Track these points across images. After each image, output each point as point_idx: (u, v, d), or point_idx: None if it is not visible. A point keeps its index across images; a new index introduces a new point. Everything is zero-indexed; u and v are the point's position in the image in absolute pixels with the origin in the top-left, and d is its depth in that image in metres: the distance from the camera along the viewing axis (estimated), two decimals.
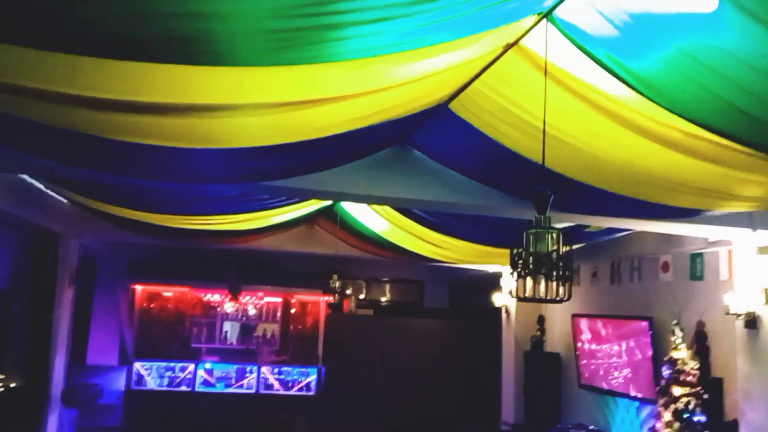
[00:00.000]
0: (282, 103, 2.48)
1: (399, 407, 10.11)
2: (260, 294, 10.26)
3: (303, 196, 4.52)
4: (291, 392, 9.92)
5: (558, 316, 8.13)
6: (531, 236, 2.22)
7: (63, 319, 7.36)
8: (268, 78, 2.21)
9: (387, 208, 5.59)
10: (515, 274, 2.22)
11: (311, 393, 9.96)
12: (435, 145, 3.92)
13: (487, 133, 3.25)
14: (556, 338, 8.15)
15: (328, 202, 6.31)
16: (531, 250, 2.20)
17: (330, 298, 10.21)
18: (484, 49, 2.39)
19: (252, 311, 10.51)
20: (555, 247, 2.19)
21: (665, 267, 6.07)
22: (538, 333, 8.18)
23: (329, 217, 7.26)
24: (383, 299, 12.43)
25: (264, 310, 10.57)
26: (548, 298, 2.15)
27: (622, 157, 3.12)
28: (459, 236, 5.71)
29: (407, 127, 3.50)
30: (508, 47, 2.43)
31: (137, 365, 9.56)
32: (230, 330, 10.39)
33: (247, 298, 10.33)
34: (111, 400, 9.99)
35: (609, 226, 5.24)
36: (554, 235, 2.21)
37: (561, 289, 2.15)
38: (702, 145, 2.70)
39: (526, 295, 2.20)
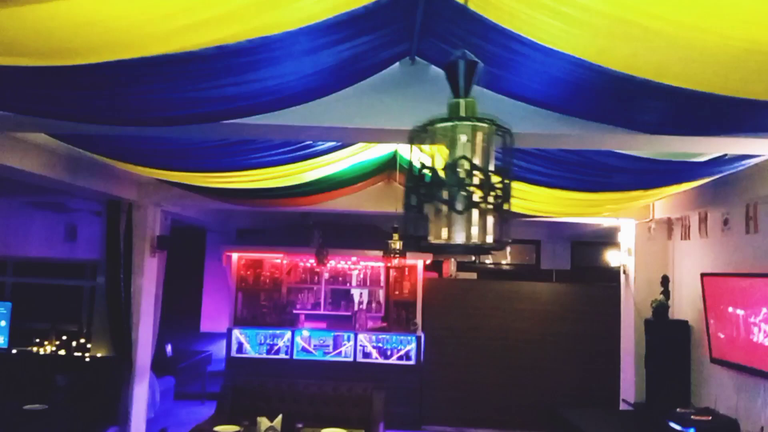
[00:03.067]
0: None
1: (505, 380, 9.21)
2: (354, 258, 9.77)
3: (288, 135, 3.70)
4: (390, 361, 9.39)
5: (686, 276, 6.73)
6: (440, 136, 1.31)
7: (146, 289, 7.34)
8: None
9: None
10: (411, 198, 1.33)
11: (411, 362, 9.35)
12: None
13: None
14: (683, 303, 6.76)
15: (387, 151, 5.53)
16: (448, 162, 1.29)
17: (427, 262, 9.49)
18: None
19: (347, 276, 10.06)
20: (484, 159, 1.27)
21: None
22: (662, 297, 6.83)
23: (401, 170, 6.48)
24: (489, 262, 11.47)
25: (358, 275, 10.08)
26: (467, 243, 1.24)
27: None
28: (533, 181, 4.67)
29: (406, 15, 2.61)
30: None
31: (236, 332, 9.54)
32: (325, 296, 10.04)
33: (342, 263, 9.89)
34: (220, 367, 10.14)
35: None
36: (484, 133, 1.28)
37: (493, 228, 1.23)
38: None
39: (433, 239, 1.30)
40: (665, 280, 6.88)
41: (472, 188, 1.22)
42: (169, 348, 9.65)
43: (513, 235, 8.05)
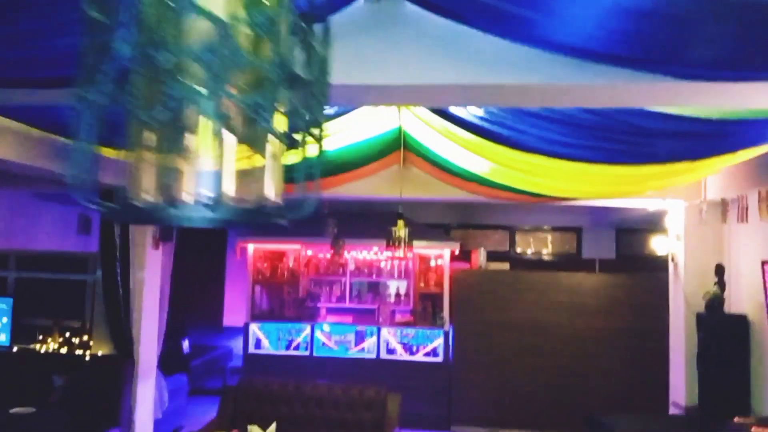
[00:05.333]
0: None
1: (540, 379, 8.47)
2: (375, 249, 9.16)
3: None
4: (416, 358, 8.76)
5: (744, 265, 5.87)
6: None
7: (149, 283, 6.91)
8: None
9: (449, 127, 4.02)
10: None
11: (438, 359, 8.70)
12: None
13: None
14: (741, 295, 5.90)
15: (390, 127, 4.89)
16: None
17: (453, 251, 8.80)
18: None
19: (372, 268, 9.47)
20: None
21: None
22: (716, 288, 5.98)
23: (413, 151, 5.84)
24: (526, 251, 10.70)
25: (386, 266, 9.48)
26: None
27: None
28: (553, 153, 3.94)
29: None
30: None
31: (253, 327, 9.08)
32: (350, 289, 9.48)
33: (365, 253, 9.30)
34: (239, 362, 9.74)
35: None
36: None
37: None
38: None
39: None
40: (720, 270, 6.02)
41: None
42: (186, 344, 9.27)
43: (551, 222, 7.14)
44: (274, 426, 4.83)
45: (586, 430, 7.15)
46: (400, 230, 5.19)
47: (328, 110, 3.79)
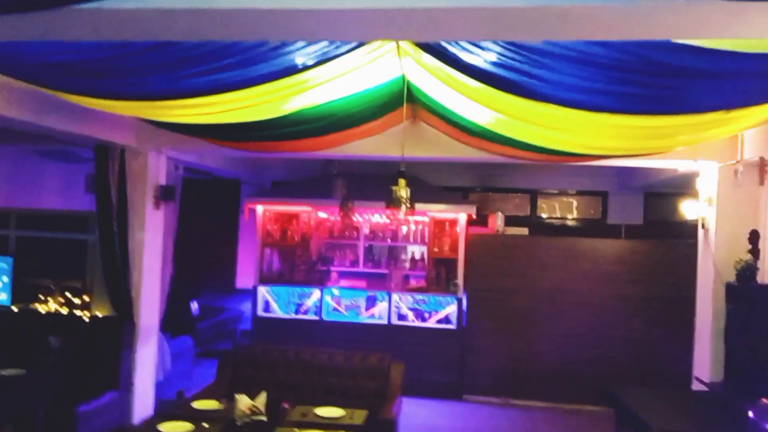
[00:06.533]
0: None
1: (557, 348, 8.11)
2: (388, 212, 8.76)
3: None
4: (427, 324, 8.45)
5: None
6: None
7: (150, 244, 6.68)
8: None
9: (455, 76, 3.58)
10: None
11: (451, 326, 8.38)
12: None
13: None
14: None
15: (392, 76, 4.46)
16: None
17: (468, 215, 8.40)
18: None
19: (386, 232, 9.13)
20: None
21: None
22: (749, 257, 5.49)
23: (422, 105, 5.41)
24: (548, 216, 10.24)
25: (401, 230, 9.13)
26: None
27: None
28: (563, 101, 3.49)
29: None
30: None
31: (262, 290, 8.86)
32: (364, 253, 9.17)
33: (376, 216, 8.95)
34: (250, 325, 9.57)
35: None
36: None
37: None
38: None
39: None
40: (754, 236, 5.52)
41: None
42: (195, 306, 9.12)
43: (575, 185, 6.56)
44: (263, 396, 4.58)
45: (603, 404, 6.81)
46: (401, 190, 4.78)
47: (318, 51, 3.39)
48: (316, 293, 8.71)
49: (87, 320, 6.47)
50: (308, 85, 3.92)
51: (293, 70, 3.60)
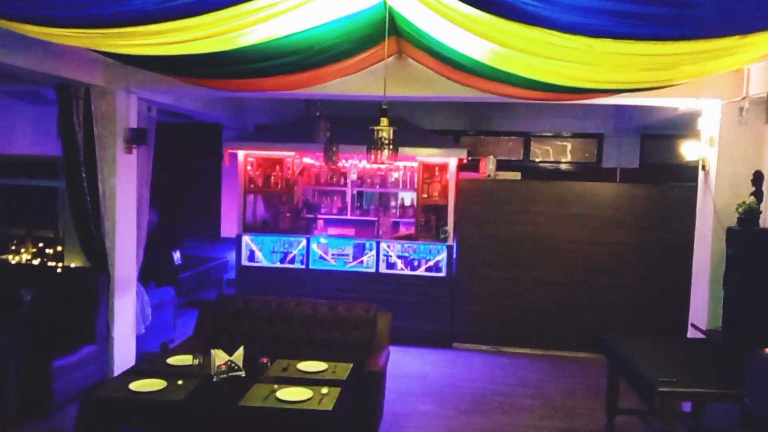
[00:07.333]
0: None
1: (549, 296, 7.94)
2: (376, 158, 8.42)
3: None
4: (417, 272, 8.24)
5: None
6: None
7: (122, 191, 6.34)
8: None
9: (446, 2, 3.19)
10: None
11: (441, 274, 8.17)
12: None
13: None
14: None
15: (370, 4, 4.04)
16: None
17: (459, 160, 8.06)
18: None
19: (375, 178, 8.81)
20: None
21: None
22: (752, 199, 5.22)
23: (408, 39, 4.99)
24: (541, 159, 9.93)
25: (390, 176, 8.80)
26: None
27: None
28: (560, 26, 3.12)
29: None
30: None
31: (246, 239, 8.59)
32: (348, 200, 8.86)
33: (364, 162, 8.60)
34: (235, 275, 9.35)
35: None
36: None
37: None
38: None
39: None
40: (758, 178, 5.24)
41: None
42: (177, 255, 8.85)
43: (569, 128, 6.13)
44: (241, 350, 4.34)
45: (595, 351, 6.67)
46: (383, 130, 4.41)
47: None
48: (302, 242, 8.45)
49: (60, 271, 6.20)
50: (269, 13, 3.49)
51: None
